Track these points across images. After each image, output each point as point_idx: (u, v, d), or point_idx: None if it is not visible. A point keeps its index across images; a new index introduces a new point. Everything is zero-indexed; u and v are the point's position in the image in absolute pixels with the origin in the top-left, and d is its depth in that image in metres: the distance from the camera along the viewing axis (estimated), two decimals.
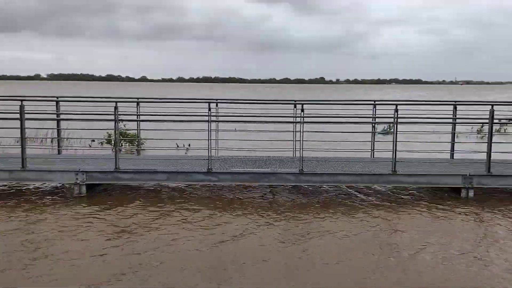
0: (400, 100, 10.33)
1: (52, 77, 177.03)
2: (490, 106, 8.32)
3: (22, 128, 7.97)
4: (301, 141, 8.10)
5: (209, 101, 8.39)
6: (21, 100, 8.06)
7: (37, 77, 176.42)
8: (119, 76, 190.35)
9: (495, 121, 8.41)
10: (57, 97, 9.27)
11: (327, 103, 10.33)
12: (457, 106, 9.37)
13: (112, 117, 7.96)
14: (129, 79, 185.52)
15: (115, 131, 8.13)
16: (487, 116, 8.13)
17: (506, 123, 12.90)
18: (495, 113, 8.16)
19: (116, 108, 7.95)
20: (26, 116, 7.96)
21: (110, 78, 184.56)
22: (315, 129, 9.07)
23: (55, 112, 9.16)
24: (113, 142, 11.70)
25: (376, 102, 9.59)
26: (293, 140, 9.05)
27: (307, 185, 8.49)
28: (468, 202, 7.83)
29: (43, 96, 10.08)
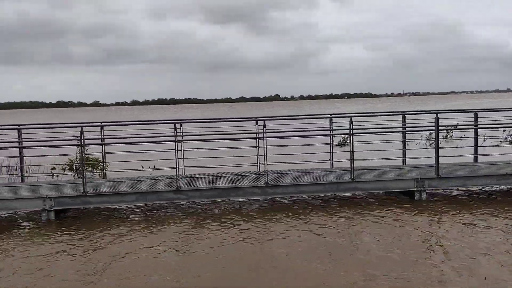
0: (354, 112, 11.00)
1: None
2: (435, 114, 9.11)
3: None
4: (265, 156, 8.49)
5: (174, 122, 8.64)
6: None
7: None
8: (70, 102, 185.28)
9: (440, 128, 9.18)
10: (19, 125, 9.21)
11: (287, 118, 10.83)
12: (406, 115, 10.13)
13: (78, 142, 8.04)
14: (81, 104, 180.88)
15: (82, 155, 8.19)
16: (434, 124, 8.88)
17: (451, 129, 13.93)
18: (440, 120, 8.94)
19: (82, 132, 8.04)
20: None
21: (60, 104, 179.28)
22: (277, 144, 9.51)
23: (17, 140, 9.09)
24: (77, 166, 11.63)
25: (332, 115, 10.19)
26: (256, 155, 9.43)
27: (273, 197, 8.86)
28: (421, 203, 8.47)
29: (5, 124, 9.95)
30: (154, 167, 11.80)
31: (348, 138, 12.69)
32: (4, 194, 8.18)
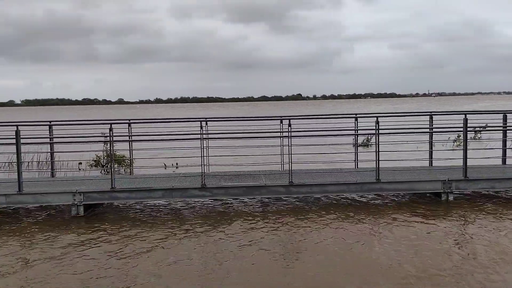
0: (380, 112, 10.91)
1: (27, 103, 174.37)
2: (464, 115, 8.96)
3: (18, 153, 8.15)
4: (290, 155, 8.52)
5: (200, 120, 8.74)
6: (17, 125, 8.25)
7: (10, 103, 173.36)
8: (95, 99, 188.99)
9: (468, 129, 9.02)
10: (50, 121, 9.48)
11: (312, 117, 10.82)
12: (433, 116, 9.98)
13: (107, 138, 8.23)
14: (105, 102, 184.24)
15: (111, 152, 8.38)
16: (462, 125, 8.73)
17: (480, 131, 13.64)
18: (468, 121, 8.78)
19: (111, 129, 8.23)
20: (22, 140, 8.16)
21: (86, 102, 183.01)
22: (302, 143, 9.52)
23: (48, 136, 9.36)
24: (105, 162, 11.90)
25: (358, 115, 10.12)
26: (281, 154, 9.46)
27: (297, 196, 8.87)
28: (448, 205, 8.35)
29: (37, 121, 10.26)
30: (177, 164, 11.99)
31: (372, 138, 12.58)
32: (36, 188, 8.44)
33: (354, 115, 10.11)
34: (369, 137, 15.13)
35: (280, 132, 9.39)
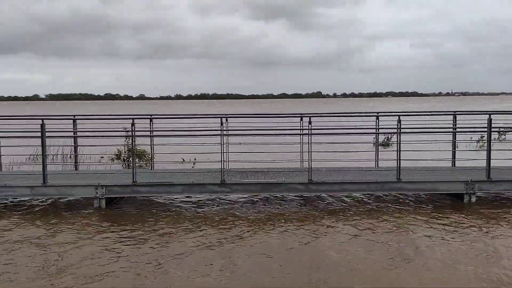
0: (402, 111, 10.77)
1: (51, 97, 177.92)
2: (488, 115, 8.77)
3: (43, 146, 8.35)
4: (309, 152, 8.50)
5: (220, 116, 8.79)
6: (42, 119, 8.45)
7: (35, 98, 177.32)
8: (117, 94, 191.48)
9: (492, 129, 8.83)
10: (74, 116, 9.68)
11: (332, 115, 10.75)
12: (456, 115, 9.80)
13: (129, 133, 8.36)
14: (127, 98, 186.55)
15: (132, 146, 8.50)
16: (486, 125, 8.55)
17: (505, 132, 13.33)
18: (493, 122, 8.60)
19: (133, 124, 8.35)
20: (47, 134, 8.35)
21: (108, 97, 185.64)
22: (321, 141, 9.48)
23: (72, 130, 9.56)
24: (126, 157, 12.09)
25: (379, 114, 10.02)
26: (300, 152, 9.43)
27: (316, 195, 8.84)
28: (470, 207, 8.20)
29: (61, 115, 10.49)
30: (195, 159, 12.09)
31: (393, 138, 12.44)
32: (60, 180, 8.64)
33: (375, 114, 10.01)
34: (390, 136, 14.97)
35: (300, 129, 9.37)
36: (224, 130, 8.84)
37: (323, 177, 8.77)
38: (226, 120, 9.59)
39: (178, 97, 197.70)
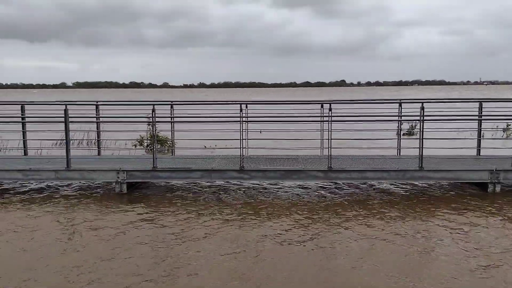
0: (426, 98, 10.53)
1: (78, 85, 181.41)
2: None
3: (67, 131, 8.52)
4: (329, 140, 8.42)
5: (240, 103, 8.78)
6: (65, 104, 8.61)
7: (62, 85, 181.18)
8: (141, 82, 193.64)
9: None
10: (97, 102, 9.84)
11: (353, 102, 10.61)
12: (483, 103, 9.52)
13: (150, 119, 8.44)
14: (151, 86, 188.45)
15: (153, 132, 8.59)
16: None
17: None
18: None
19: (153, 110, 8.43)
20: (70, 119, 8.51)
21: (132, 85, 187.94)
22: (342, 129, 9.37)
23: (95, 115, 9.72)
24: (148, 143, 12.25)
25: (402, 101, 9.82)
26: (320, 139, 9.35)
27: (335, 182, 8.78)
28: (495, 196, 7.99)
29: (84, 101, 10.67)
30: (215, 146, 12.15)
31: (416, 127, 12.20)
32: (83, 165, 8.82)
33: (398, 101, 9.81)
34: (414, 124, 14.67)
35: (321, 116, 9.27)
36: (244, 117, 8.83)
37: (343, 164, 8.69)
38: (246, 106, 9.57)
39: (201, 85, 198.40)
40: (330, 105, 8.53)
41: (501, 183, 8.24)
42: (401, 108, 9.84)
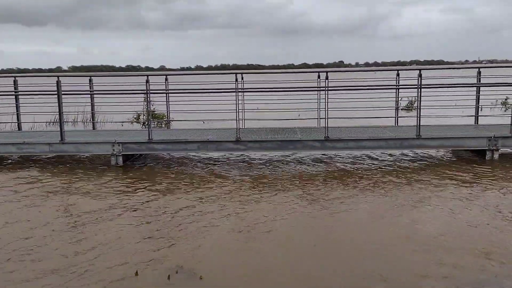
0: (424, 66, 10.40)
1: (74, 69, 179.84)
2: None
3: (60, 103, 8.39)
4: (326, 109, 8.33)
5: (235, 73, 8.65)
6: (58, 77, 8.47)
7: (58, 70, 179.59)
8: (138, 66, 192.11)
9: None
10: (90, 76, 9.69)
11: (350, 71, 10.46)
12: (481, 71, 9.41)
13: (144, 91, 8.32)
14: (148, 69, 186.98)
15: (147, 104, 8.48)
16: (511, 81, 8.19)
17: None
18: None
19: (147, 81, 8.30)
20: (63, 92, 8.38)
21: (129, 68, 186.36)
22: (340, 99, 9.25)
23: (89, 90, 9.59)
24: (145, 115, 12.12)
25: (399, 69, 9.69)
26: (317, 109, 9.25)
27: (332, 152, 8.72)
28: (493, 163, 7.95)
29: (77, 73, 10.49)
30: (212, 120, 12.04)
31: (414, 104, 12.11)
32: (78, 138, 8.73)
33: (395, 69, 9.69)
34: (412, 100, 14.56)
35: (318, 86, 9.16)
36: (240, 88, 8.70)
37: (340, 134, 8.61)
38: (242, 77, 9.45)
39: (199, 68, 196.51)
40: (326, 74, 8.41)
41: (499, 150, 8.20)
42: (398, 78, 9.73)
